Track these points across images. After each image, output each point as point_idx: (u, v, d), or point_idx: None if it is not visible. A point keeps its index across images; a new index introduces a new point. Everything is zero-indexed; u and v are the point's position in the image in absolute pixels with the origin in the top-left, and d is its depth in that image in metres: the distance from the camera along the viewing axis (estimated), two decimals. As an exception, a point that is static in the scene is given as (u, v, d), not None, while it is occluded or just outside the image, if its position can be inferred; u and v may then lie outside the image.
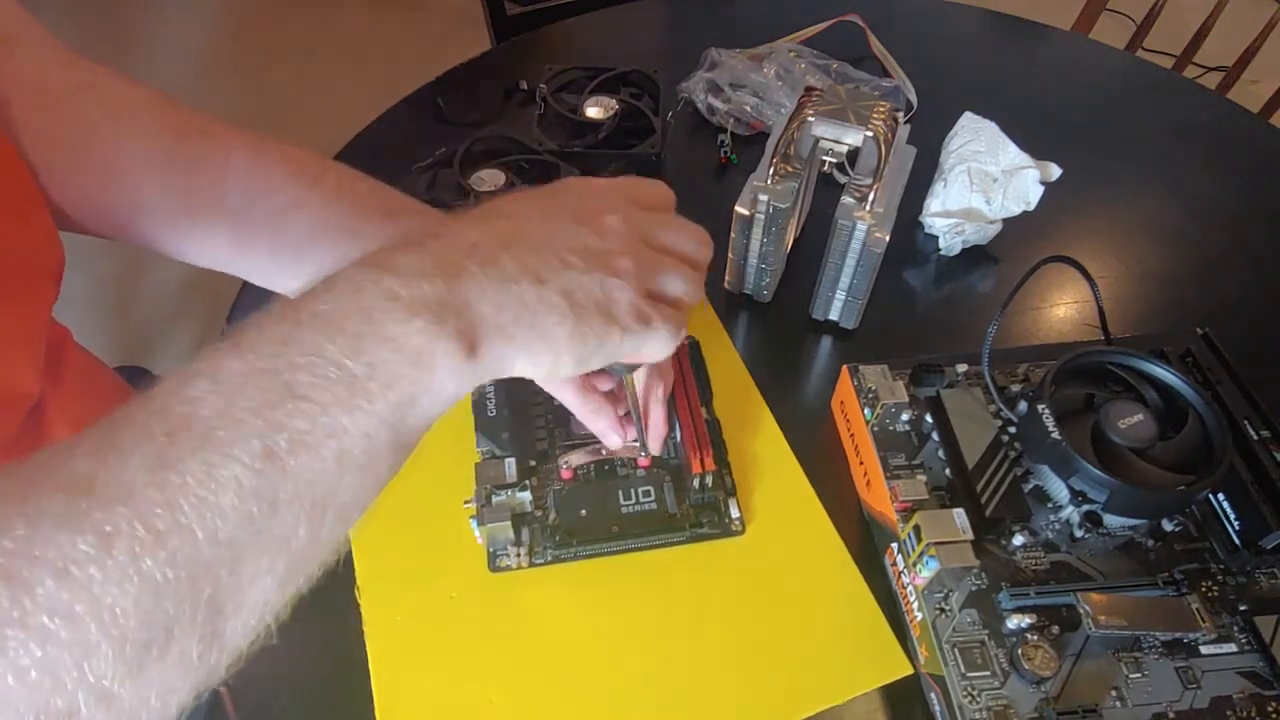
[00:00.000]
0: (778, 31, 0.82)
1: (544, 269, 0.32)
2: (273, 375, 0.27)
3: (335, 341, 0.28)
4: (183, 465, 0.25)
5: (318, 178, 0.48)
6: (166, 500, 0.24)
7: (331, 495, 0.28)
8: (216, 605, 0.25)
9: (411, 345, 0.29)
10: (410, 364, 0.29)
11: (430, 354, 0.29)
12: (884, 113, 0.54)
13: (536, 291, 0.32)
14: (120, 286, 1.59)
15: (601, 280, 0.33)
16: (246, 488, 0.25)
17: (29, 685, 0.21)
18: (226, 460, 0.25)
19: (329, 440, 0.27)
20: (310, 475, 0.27)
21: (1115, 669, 0.42)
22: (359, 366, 0.28)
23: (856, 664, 0.46)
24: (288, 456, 0.26)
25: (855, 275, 0.56)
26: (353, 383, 0.28)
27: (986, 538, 0.46)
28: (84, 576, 0.22)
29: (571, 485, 0.51)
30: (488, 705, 0.44)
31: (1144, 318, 0.63)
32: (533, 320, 0.31)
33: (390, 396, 0.28)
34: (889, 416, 0.51)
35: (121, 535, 0.23)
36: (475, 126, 0.75)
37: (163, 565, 0.24)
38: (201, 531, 0.24)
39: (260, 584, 0.26)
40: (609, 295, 0.33)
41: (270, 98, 1.94)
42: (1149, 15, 1.12)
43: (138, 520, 0.24)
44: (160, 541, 0.24)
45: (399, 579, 0.48)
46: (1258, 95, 1.08)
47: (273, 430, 0.26)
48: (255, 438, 0.26)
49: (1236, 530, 0.45)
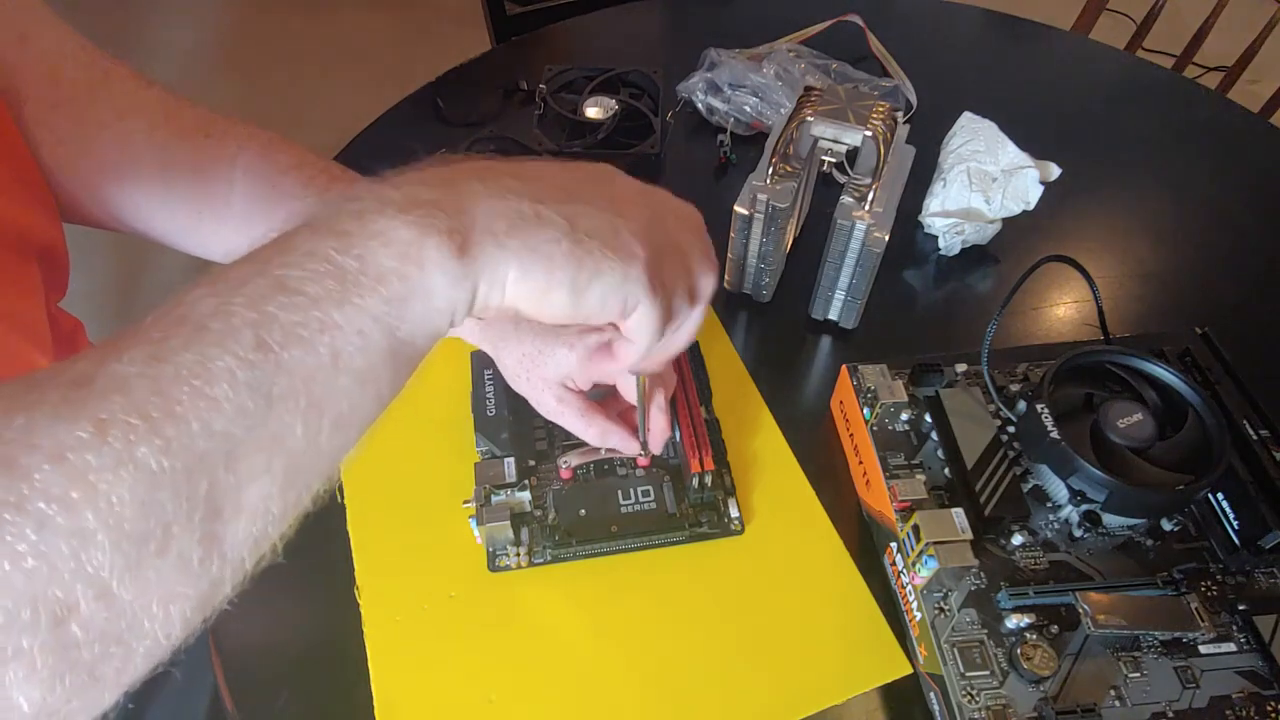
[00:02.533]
0: (777, 32, 0.82)
1: (548, 195, 0.32)
2: (266, 274, 0.27)
3: (327, 240, 0.28)
4: (176, 357, 0.25)
5: (326, 189, 0.49)
6: (160, 390, 0.24)
7: (328, 395, 0.27)
8: (214, 504, 0.25)
9: (399, 237, 0.29)
10: (398, 257, 0.28)
11: (419, 247, 0.29)
12: (883, 113, 0.54)
13: (535, 208, 0.31)
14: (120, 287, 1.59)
15: (611, 219, 0.33)
16: (240, 379, 0.25)
17: (25, 572, 0.21)
18: (219, 351, 0.25)
19: (322, 335, 0.27)
20: (304, 370, 0.27)
21: (1114, 668, 0.42)
22: (349, 260, 0.28)
23: (856, 664, 0.46)
24: (280, 349, 0.26)
25: (854, 275, 0.56)
26: (343, 276, 0.28)
27: (985, 537, 0.46)
28: (80, 462, 0.22)
29: (571, 485, 0.51)
30: (487, 704, 0.44)
31: (1143, 317, 0.63)
32: (525, 231, 0.31)
33: (382, 290, 0.28)
34: (888, 416, 0.51)
35: (116, 423, 0.23)
36: (475, 126, 0.75)
37: (158, 454, 0.24)
38: (196, 421, 0.24)
39: (258, 484, 0.26)
40: (616, 231, 0.33)
41: (270, 98, 1.94)
42: (1149, 15, 1.12)
43: (132, 409, 0.24)
44: (155, 429, 0.24)
45: (398, 578, 0.48)
46: (1258, 95, 1.08)
47: (265, 322, 0.26)
48: (247, 329, 0.26)
49: (1235, 530, 0.45)
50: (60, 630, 0.22)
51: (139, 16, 2.13)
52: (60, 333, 0.50)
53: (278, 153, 0.50)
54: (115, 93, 0.47)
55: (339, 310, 0.27)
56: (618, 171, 0.37)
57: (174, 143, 0.48)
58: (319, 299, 0.27)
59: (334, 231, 0.28)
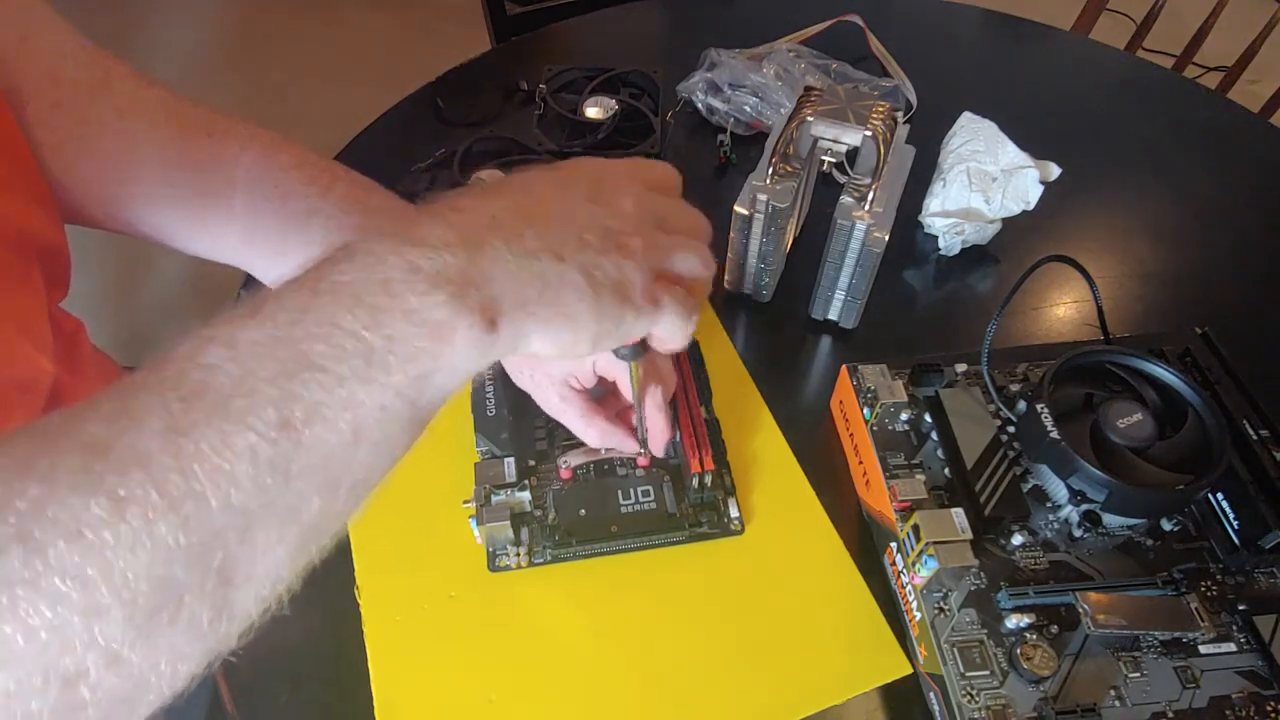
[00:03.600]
0: (777, 32, 0.82)
1: (564, 247, 0.32)
2: (290, 345, 0.27)
3: (354, 312, 0.27)
4: (197, 432, 0.25)
5: (329, 187, 0.49)
6: (181, 467, 0.24)
7: (346, 468, 0.28)
8: (227, 574, 0.25)
9: (432, 318, 0.28)
10: (430, 337, 0.28)
11: (451, 328, 0.29)
12: (883, 112, 0.54)
13: (558, 269, 0.31)
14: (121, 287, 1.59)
15: (618, 262, 0.33)
16: (261, 457, 0.25)
17: (38, 645, 0.21)
18: (242, 429, 0.25)
19: (345, 413, 0.27)
20: (325, 448, 0.27)
21: (1114, 668, 0.42)
22: (377, 339, 0.27)
23: (855, 664, 0.46)
24: (303, 427, 0.26)
25: (854, 275, 0.56)
26: (370, 355, 0.27)
27: (985, 537, 0.46)
28: (97, 540, 0.22)
29: (571, 485, 0.51)
30: (487, 704, 0.44)
31: (1143, 317, 0.63)
32: (554, 297, 0.31)
33: (409, 370, 0.28)
34: (888, 416, 0.51)
35: (135, 500, 0.23)
36: (475, 126, 0.75)
37: (175, 531, 0.24)
38: (215, 499, 0.24)
39: (271, 554, 0.26)
40: (624, 275, 0.33)
41: (270, 98, 1.94)
42: (1149, 15, 1.12)
43: (152, 485, 0.23)
44: (174, 507, 0.24)
45: (398, 579, 0.48)
46: (1258, 95, 1.08)
47: (289, 401, 0.26)
48: (271, 407, 0.26)
49: (1235, 530, 0.45)
50: (69, 693, 0.22)
51: (139, 16, 2.13)
52: (62, 333, 0.50)
53: (279, 152, 0.50)
54: (117, 92, 0.47)
55: (364, 388, 0.27)
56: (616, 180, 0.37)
57: (176, 143, 0.48)
58: (345, 378, 0.27)
59: (362, 304, 0.28)
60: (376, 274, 0.28)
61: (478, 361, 0.30)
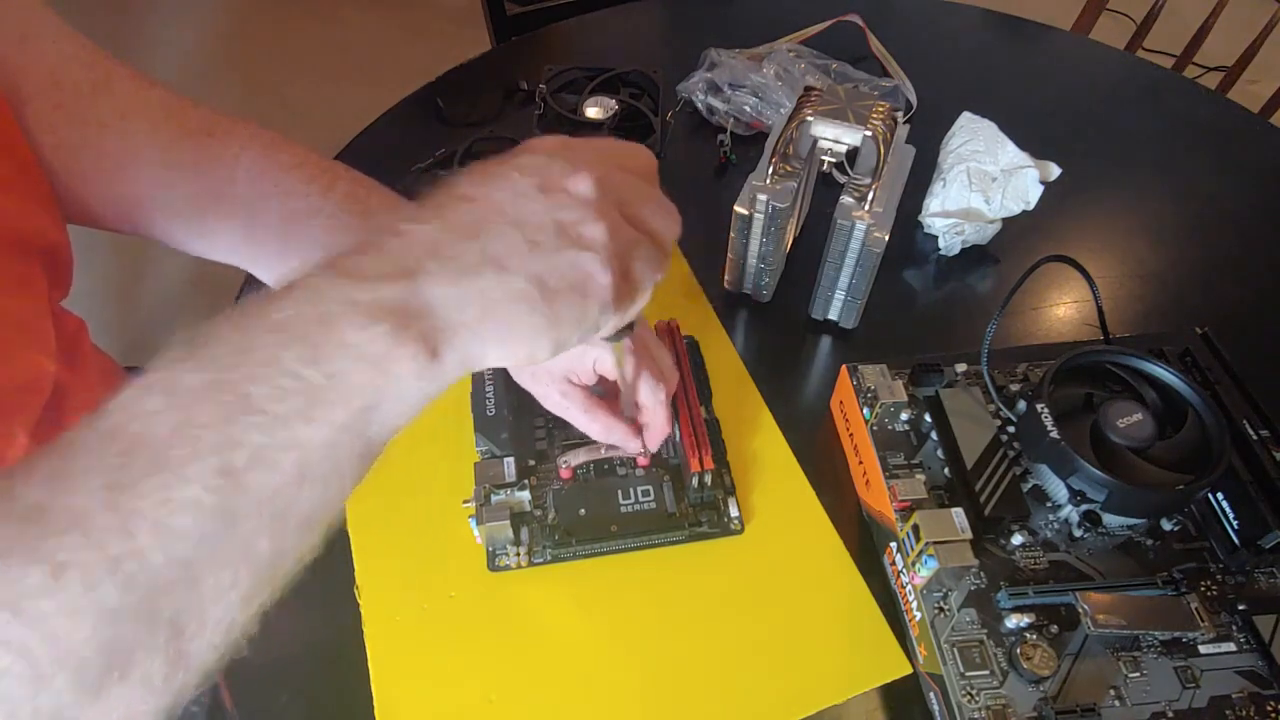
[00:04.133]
0: (777, 31, 0.82)
1: (509, 256, 0.31)
2: (229, 388, 0.26)
3: (293, 350, 0.27)
4: (136, 488, 0.24)
5: (329, 186, 0.48)
6: (120, 525, 0.24)
7: (293, 506, 0.27)
8: (178, 625, 0.25)
9: (372, 352, 0.28)
10: (371, 371, 0.28)
11: (392, 359, 0.28)
12: (883, 112, 0.54)
13: (501, 282, 0.30)
14: (121, 286, 1.59)
15: (575, 258, 0.32)
16: (204, 507, 0.25)
17: None
18: (182, 481, 0.25)
19: (289, 453, 0.26)
20: (270, 490, 0.26)
21: (1114, 668, 0.42)
22: (318, 376, 0.27)
23: (855, 663, 0.46)
24: (245, 472, 0.25)
25: (854, 275, 0.56)
26: (312, 393, 0.27)
27: (985, 537, 0.46)
28: (35, 610, 0.22)
29: (571, 485, 0.51)
30: (486, 704, 0.44)
31: (1143, 317, 0.63)
32: (500, 313, 0.30)
33: (352, 404, 0.27)
34: (888, 416, 0.51)
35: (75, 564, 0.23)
36: (475, 126, 0.75)
37: (118, 590, 0.23)
38: (159, 554, 0.24)
39: (223, 600, 0.26)
40: (583, 271, 0.32)
41: (270, 98, 1.94)
42: (1149, 15, 1.12)
43: (91, 547, 0.23)
44: (115, 567, 0.23)
45: (398, 578, 0.48)
46: (1258, 95, 1.08)
47: (230, 447, 0.25)
48: (212, 455, 0.25)
49: (1235, 530, 0.45)
50: None
51: (139, 16, 2.13)
52: (64, 333, 0.50)
53: (279, 152, 0.50)
54: (118, 93, 0.47)
55: (307, 427, 0.27)
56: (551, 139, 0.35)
57: (177, 143, 0.48)
58: (286, 418, 0.26)
59: (300, 340, 0.27)
60: (314, 309, 0.28)
61: (426, 390, 0.29)
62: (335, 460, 0.28)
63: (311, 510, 0.28)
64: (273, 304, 0.28)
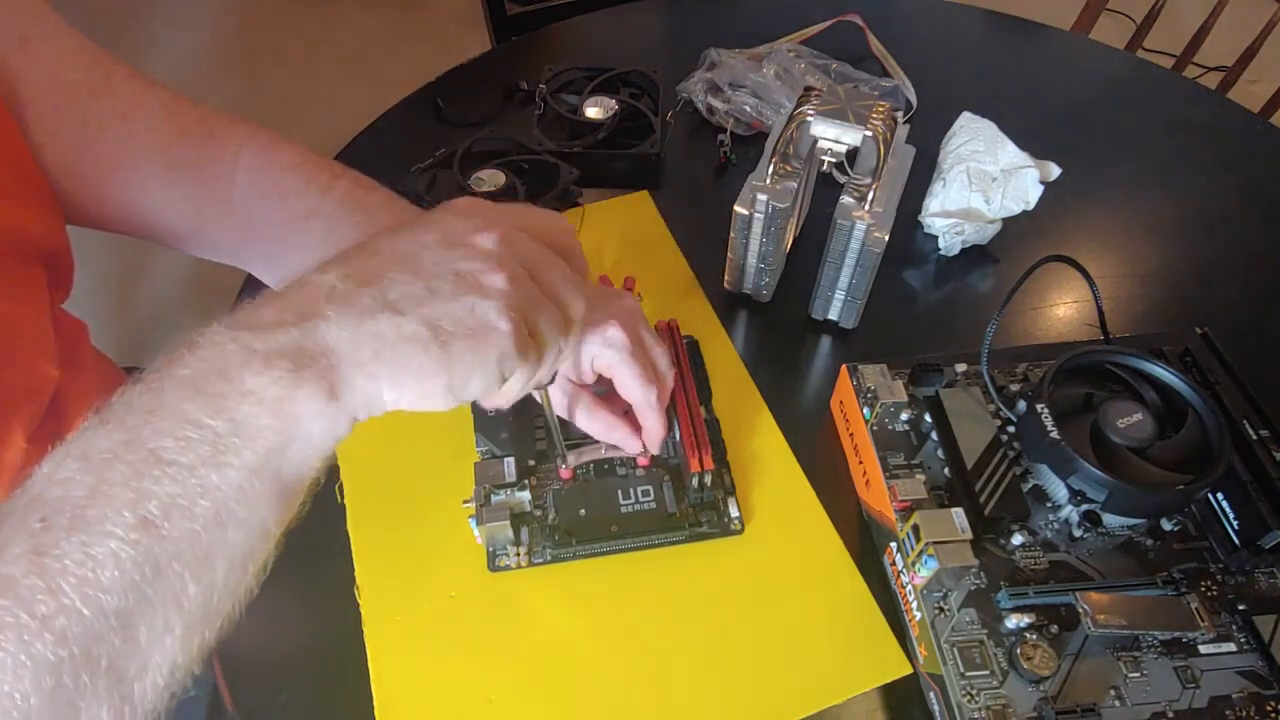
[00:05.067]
0: (777, 31, 0.82)
1: (405, 300, 0.32)
2: (138, 446, 0.28)
3: (195, 402, 0.28)
4: (58, 549, 0.26)
5: (328, 186, 0.49)
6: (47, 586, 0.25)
7: (216, 550, 0.28)
8: (118, 673, 0.26)
9: (270, 395, 0.29)
10: (272, 414, 0.29)
11: (290, 401, 0.29)
12: (883, 112, 0.54)
13: (394, 324, 0.31)
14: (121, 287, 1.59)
15: (473, 304, 0.32)
16: (125, 559, 0.26)
17: None
18: (102, 537, 0.26)
19: (201, 500, 0.28)
20: (189, 535, 0.28)
21: (1114, 668, 0.42)
22: (220, 423, 0.28)
23: (855, 664, 0.46)
24: (162, 521, 0.27)
25: (854, 275, 0.56)
26: (216, 440, 0.28)
27: (985, 537, 0.46)
28: None
29: (571, 485, 0.51)
30: (486, 704, 0.44)
31: (1143, 317, 0.63)
32: (391, 355, 0.31)
33: (257, 447, 0.29)
34: (888, 416, 0.51)
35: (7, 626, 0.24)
36: (475, 126, 0.75)
37: (53, 647, 0.25)
38: (87, 608, 0.25)
39: (160, 645, 0.27)
40: (480, 318, 0.32)
41: (270, 98, 1.94)
42: (1149, 15, 1.12)
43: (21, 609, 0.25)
44: (46, 625, 0.25)
45: (398, 579, 0.48)
46: (1258, 95, 1.08)
47: (143, 499, 0.27)
48: (127, 509, 0.27)
49: (1235, 530, 0.45)
50: None
51: (139, 16, 2.13)
52: (64, 335, 0.50)
53: (278, 152, 0.50)
54: (117, 94, 0.47)
55: (217, 473, 0.28)
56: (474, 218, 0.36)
57: (176, 143, 0.48)
58: (194, 467, 0.28)
59: (202, 393, 0.29)
60: (215, 362, 0.29)
61: (330, 429, 0.30)
62: (251, 502, 0.29)
63: (235, 552, 0.29)
64: (178, 362, 0.30)
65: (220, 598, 0.29)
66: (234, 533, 0.29)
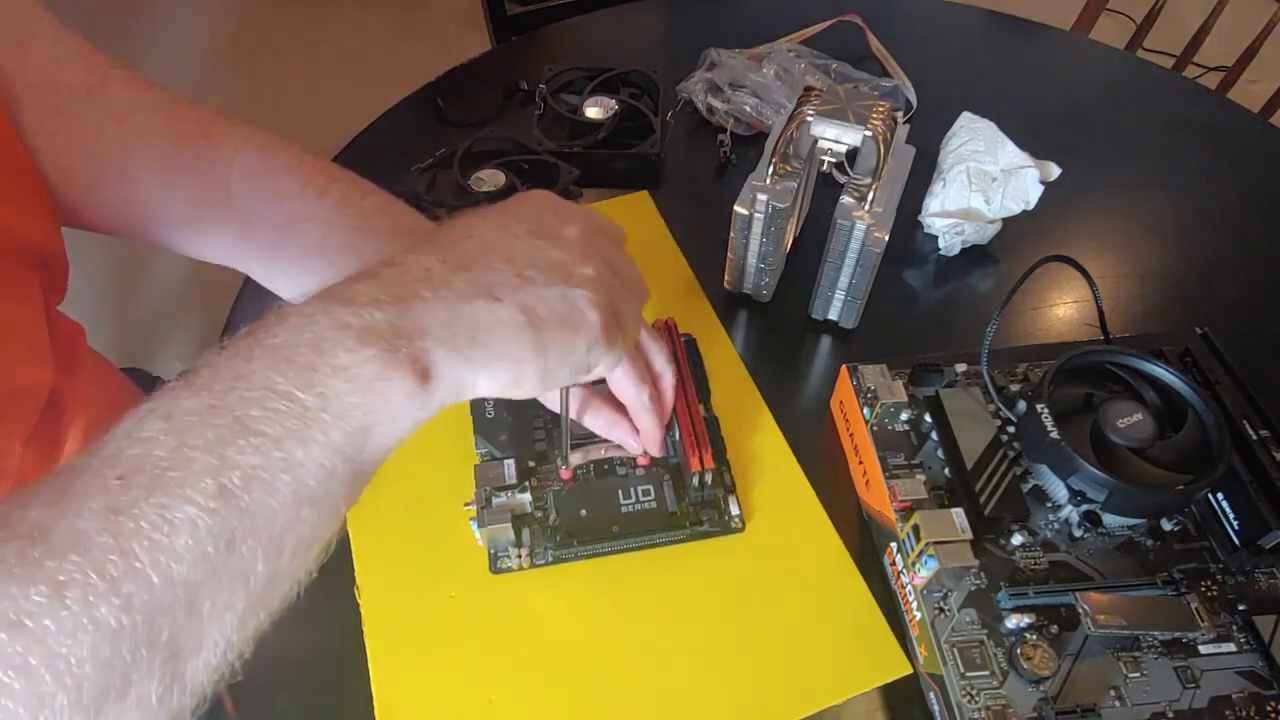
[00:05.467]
0: (777, 31, 0.82)
1: (501, 287, 0.32)
2: (225, 411, 0.27)
3: (286, 374, 0.28)
4: (135, 509, 0.25)
5: (325, 189, 0.48)
6: (120, 546, 0.24)
7: (289, 529, 0.27)
8: (175, 647, 0.25)
9: (363, 374, 0.28)
10: (363, 393, 0.28)
11: (383, 381, 0.29)
12: (883, 112, 0.54)
13: (490, 310, 0.31)
14: (119, 288, 1.59)
15: (564, 292, 0.33)
16: (201, 528, 0.25)
17: None
18: (180, 501, 0.25)
19: (284, 474, 0.27)
20: (267, 511, 0.27)
21: (1114, 668, 0.42)
22: (311, 398, 0.28)
23: (855, 664, 0.46)
24: (242, 493, 0.26)
25: (854, 275, 0.56)
26: (305, 415, 0.27)
27: (985, 537, 0.46)
28: (38, 628, 0.22)
29: (571, 485, 0.51)
30: (487, 705, 0.44)
31: (1143, 317, 0.63)
32: (488, 339, 0.31)
33: (345, 426, 0.28)
34: (888, 416, 0.51)
35: (75, 584, 0.23)
36: (475, 126, 0.75)
37: (118, 612, 0.24)
38: (157, 575, 0.24)
39: (220, 622, 0.26)
40: (572, 306, 0.33)
41: (270, 98, 1.94)
42: (1149, 15, 1.12)
43: (91, 568, 0.23)
44: (114, 588, 0.24)
45: (399, 580, 0.48)
46: (1258, 95, 1.08)
47: (226, 468, 0.26)
48: (208, 476, 0.26)
49: (1236, 530, 0.45)
50: None
51: (139, 16, 2.13)
52: (60, 338, 0.50)
53: (276, 154, 0.50)
54: (114, 96, 0.46)
55: (302, 448, 0.27)
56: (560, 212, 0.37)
57: (174, 146, 0.48)
58: (280, 439, 0.27)
59: (293, 364, 0.28)
60: (306, 334, 0.28)
61: (417, 413, 0.30)
62: (330, 483, 0.28)
63: (307, 533, 0.28)
64: (267, 330, 0.29)
65: (283, 580, 0.28)
66: (309, 511, 0.28)
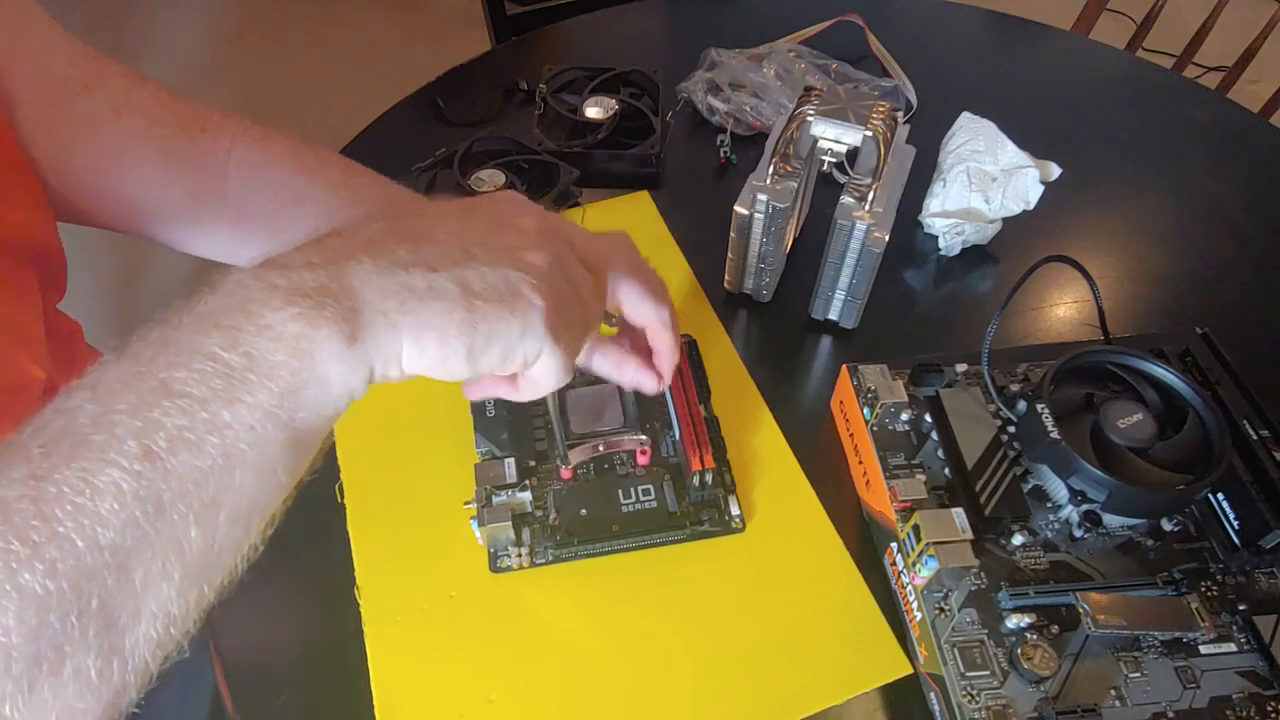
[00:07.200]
0: (777, 31, 0.82)
1: (441, 260, 0.31)
2: (150, 376, 0.26)
3: (212, 335, 0.27)
4: (57, 474, 0.24)
5: (319, 172, 0.49)
6: (41, 512, 0.24)
7: (223, 494, 0.27)
8: (109, 616, 0.25)
9: (288, 332, 0.28)
10: (288, 351, 0.28)
11: (308, 339, 0.28)
12: (883, 112, 0.54)
13: (426, 279, 0.30)
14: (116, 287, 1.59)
15: (507, 274, 0.32)
16: (126, 490, 0.25)
17: None
18: (103, 465, 0.25)
19: (211, 436, 0.26)
20: (196, 474, 0.26)
21: (1114, 668, 0.42)
22: (235, 357, 0.27)
23: (856, 664, 0.46)
24: (168, 455, 0.26)
25: (855, 275, 0.56)
26: (230, 374, 0.27)
27: (986, 537, 0.46)
28: None
29: (571, 485, 0.51)
30: (487, 704, 0.44)
31: (1143, 317, 0.63)
32: (418, 308, 0.30)
33: (272, 386, 0.27)
34: (888, 416, 0.51)
35: None
36: (475, 126, 0.75)
37: (41, 578, 0.23)
38: (81, 540, 0.24)
39: (156, 591, 0.26)
40: (512, 287, 0.32)
41: (270, 98, 1.94)
42: (1149, 15, 1.12)
43: (12, 535, 0.23)
44: (37, 553, 0.23)
45: (399, 579, 0.48)
46: (1258, 95, 1.08)
47: (150, 429, 0.26)
48: (132, 439, 0.25)
49: (1236, 530, 0.45)
50: None
51: (139, 16, 2.13)
52: (58, 337, 0.50)
53: (270, 143, 0.50)
54: (110, 90, 0.47)
55: (228, 409, 0.27)
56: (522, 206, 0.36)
57: (172, 138, 0.48)
58: (206, 400, 0.26)
59: (219, 327, 0.28)
60: (236, 298, 0.28)
61: (347, 376, 0.29)
62: (261, 445, 0.28)
63: (242, 498, 0.28)
64: (198, 299, 0.29)
65: (224, 551, 0.28)
66: (242, 476, 0.27)
